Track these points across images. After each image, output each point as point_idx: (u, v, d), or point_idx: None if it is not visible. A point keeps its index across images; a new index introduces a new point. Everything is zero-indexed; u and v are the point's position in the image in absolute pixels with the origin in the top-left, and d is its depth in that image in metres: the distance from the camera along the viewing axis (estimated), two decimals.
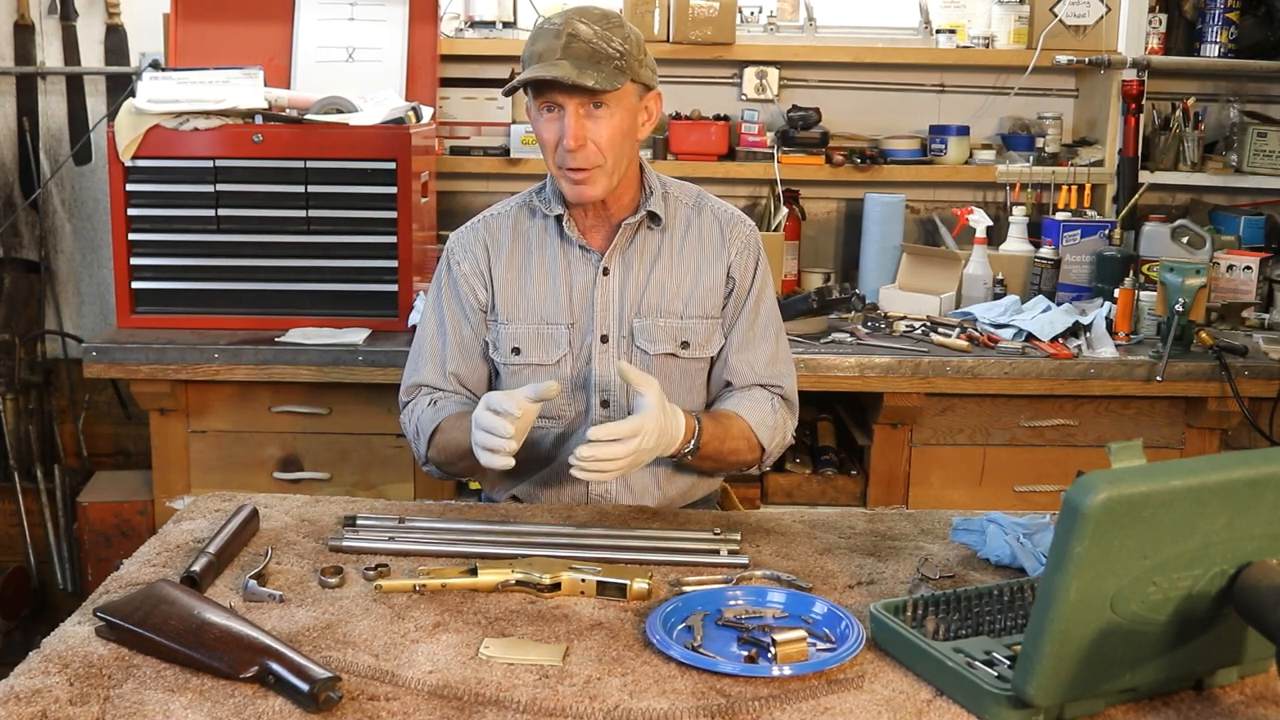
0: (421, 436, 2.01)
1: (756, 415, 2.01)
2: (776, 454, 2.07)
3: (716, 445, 1.94)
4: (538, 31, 1.89)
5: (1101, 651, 1.23)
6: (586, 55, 1.84)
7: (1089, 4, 3.39)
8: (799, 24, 3.49)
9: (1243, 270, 3.19)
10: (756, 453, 2.02)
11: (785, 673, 1.36)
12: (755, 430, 1.99)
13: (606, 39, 1.86)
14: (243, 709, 1.29)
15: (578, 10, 1.89)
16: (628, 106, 1.91)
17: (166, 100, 2.81)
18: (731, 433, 1.97)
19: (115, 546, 3.07)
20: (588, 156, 1.89)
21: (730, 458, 1.99)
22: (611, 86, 1.85)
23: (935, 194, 3.55)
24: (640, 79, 1.91)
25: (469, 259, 2.06)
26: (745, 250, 2.06)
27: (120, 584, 1.60)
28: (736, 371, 2.06)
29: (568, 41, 1.84)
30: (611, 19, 1.89)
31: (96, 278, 3.61)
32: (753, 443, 2.00)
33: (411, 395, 2.08)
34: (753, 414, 2.00)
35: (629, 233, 2.02)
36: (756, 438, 2.00)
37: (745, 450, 2.00)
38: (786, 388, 2.08)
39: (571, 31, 1.84)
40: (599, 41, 1.85)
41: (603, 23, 1.87)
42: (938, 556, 1.74)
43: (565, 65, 1.83)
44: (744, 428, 1.99)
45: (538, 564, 1.61)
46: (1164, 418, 2.89)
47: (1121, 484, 1.16)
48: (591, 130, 1.88)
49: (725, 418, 1.99)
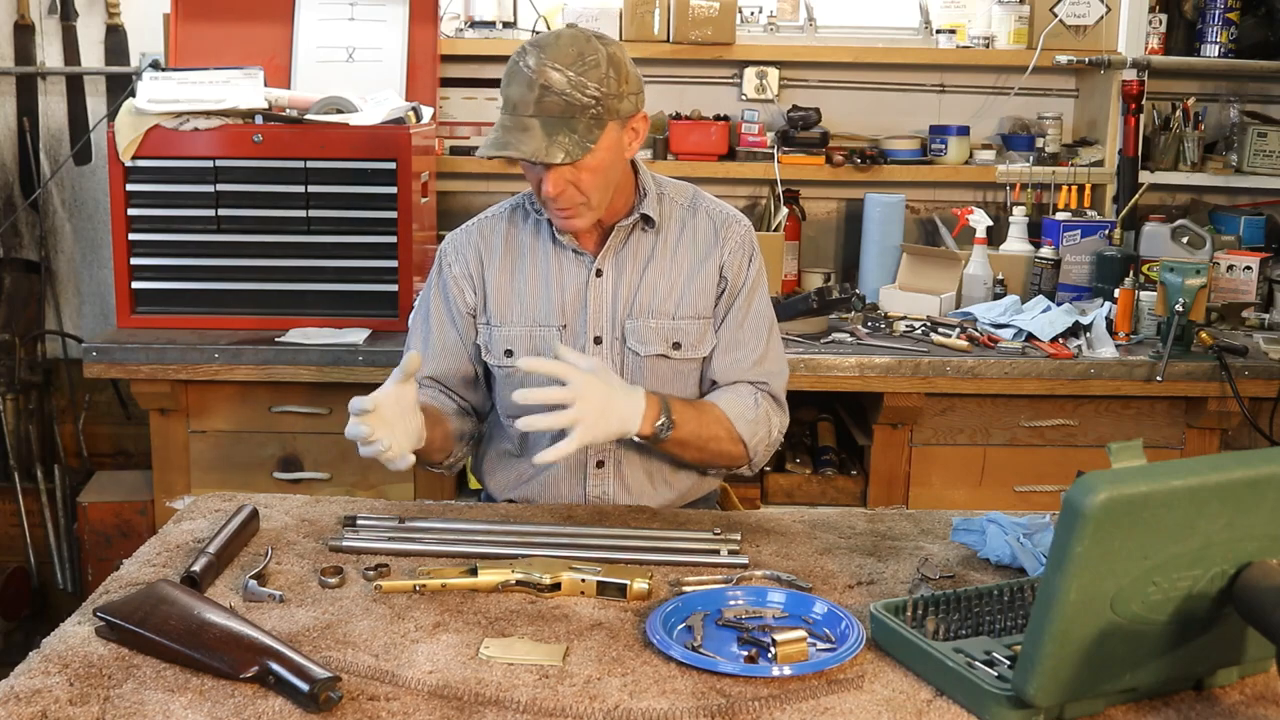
0: None
1: (736, 407, 1.98)
2: (762, 451, 2.03)
3: (693, 428, 1.91)
4: (513, 71, 1.84)
5: (1101, 651, 1.23)
6: (559, 111, 1.80)
7: (1089, 4, 3.39)
8: (799, 24, 3.49)
9: (1243, 270, 3.19)
10: (739, 445, 1.98)
11: (785, 673, 1.36)
12: (734, 421, 1.96)
13: (580, 86, 1.81)
14: (243, 709, 1.29)
15: (553, 49, 1.82)
16: (609, 146, 1.87)
17: (166, 100, 2.81)
18: (708, 418, 1.94)
19: (115, 546, 3.07)
20: (570, 199, 1.89)
21: (712, 445, 1.95)
22: (583, 152, 1.81)
23: (935, 194, 3.55)
24: (620, 115, 1.87)
25: (460, 262, 2.07)
26: (739, 249, 2.05)
27: (120, 584, 1.60)
28: (721, 370, 2.04)
29: (540, 95, 1.80)
30: (587, 57, 1.81)
31: (96, 278, 3.61)
32: (732, 434, 1.96)
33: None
34: (732, 406, 1.98)
35: (622, 235, 2.02)
36: (735, 429, 1.96)
37: (726, 440, 1.96)
38: (773, 385, 2.05)
39: (545, 83, 1.80)
40: (572, 91, 1.80)
41: (577, 65, 1.81)
42: (938, 556, 1.74)
43: (535, 131, 1.80)
44: (721, 416, 1.96)
45: (538, 564, 1.61)
46: (1164, 418, 2.89)
47: (1121, 484, 1.16)
48: (571, 176, 1.86)
49: (700, 403, 1.97)
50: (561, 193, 1.87)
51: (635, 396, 1.84)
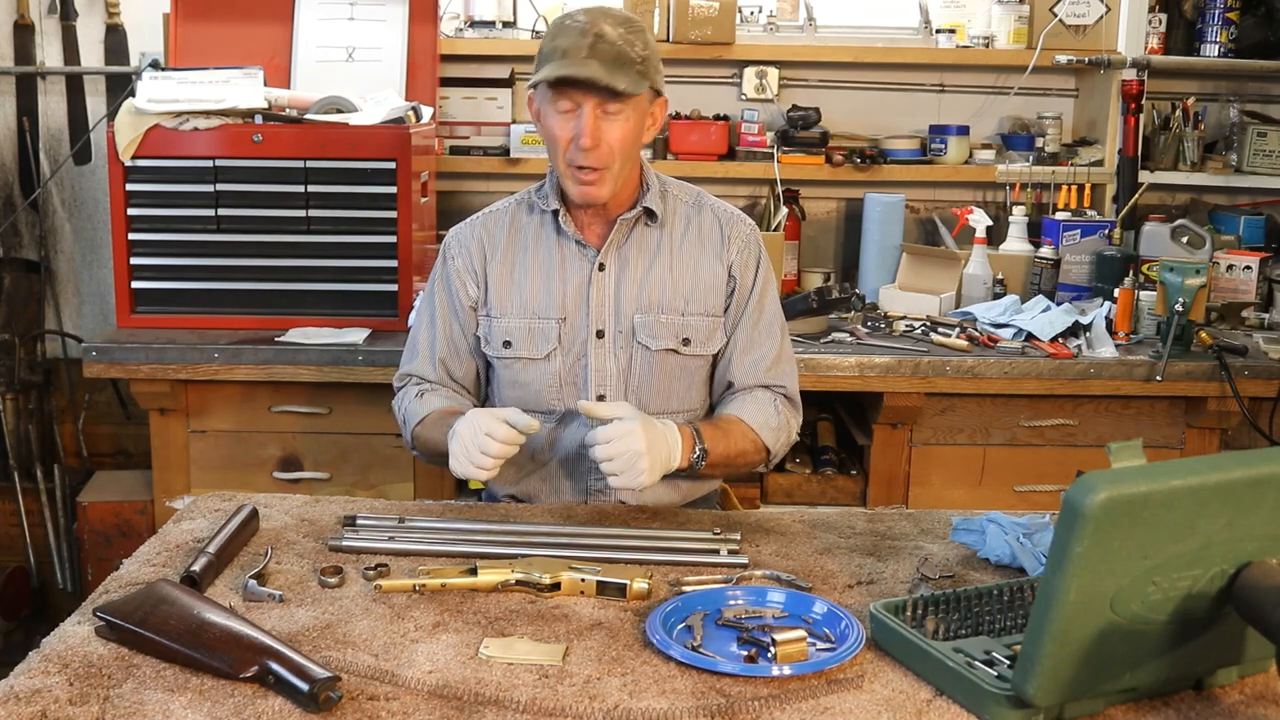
0: (406, 426, 2.07)
1: (759, 417, 2.01)
2: (782, 452, 2.08)
3: (723, 449, 1.95)
4: (561, 28, 1.90)
5: (1101, 651, 1.23)
6: (612, 57, 1.86)
7: (1089, 4, 3.39)
8: (799, 24, 3.49)
9: (1243, 270, 3.19)
10: (763, 454, 2.03)
11: (785, 673, 1.36)
12: (759, 432, 2.00)
13: (630, 43, 1.87)
14: (243, 709, 1.29)
15: (601, 11, 1.90)
16: (641, 111, 1.93)
17: (166, 100, 2.81)
18: (733, 435, 1.98)
19: (115, 546, 3.07)
20: (600, 156, 1.91)
21: (739, 460, 2.00)
22: (637, 90, 1.88)
23: (935, 194, 3.55)
24: (655, 85, 1.94)
25: (463, 254, 2.09)
26: (746, 249, 2.07)
27: (120, 584, 1.60)
28: (739, 373, 2.06)
29: (594, 41, 1.86)
30: (634, 24, 1.91)
31: (96, 278, 3.60)
32: (758, 444, 2.01)
33: (403, 383, 2.13)
34: (755, 416, 2.01)
35: (625, 228, 2.03)
36: (761, 439, 2.00)
37: (752, 452, 2.01)
38: (789, 387, 2.09)
39: (598, 32, 1.86)
40: (623, 45, 1.87)
41: (626, 26, 1.89)
42: (938, 556, 1.74)
43: (594, 65, 1.85)
44: (745, 430, 1.99)
45: (538, 564, 1.61)
46: (1164, 418, 2.89)
47: (1121, 484, 1.16)
48: (606, 131, 1.89)
49: (724, 422, 1.99)
50: (597, 145, 1.89)
51: (672, 433, 1.87)
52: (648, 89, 1.91)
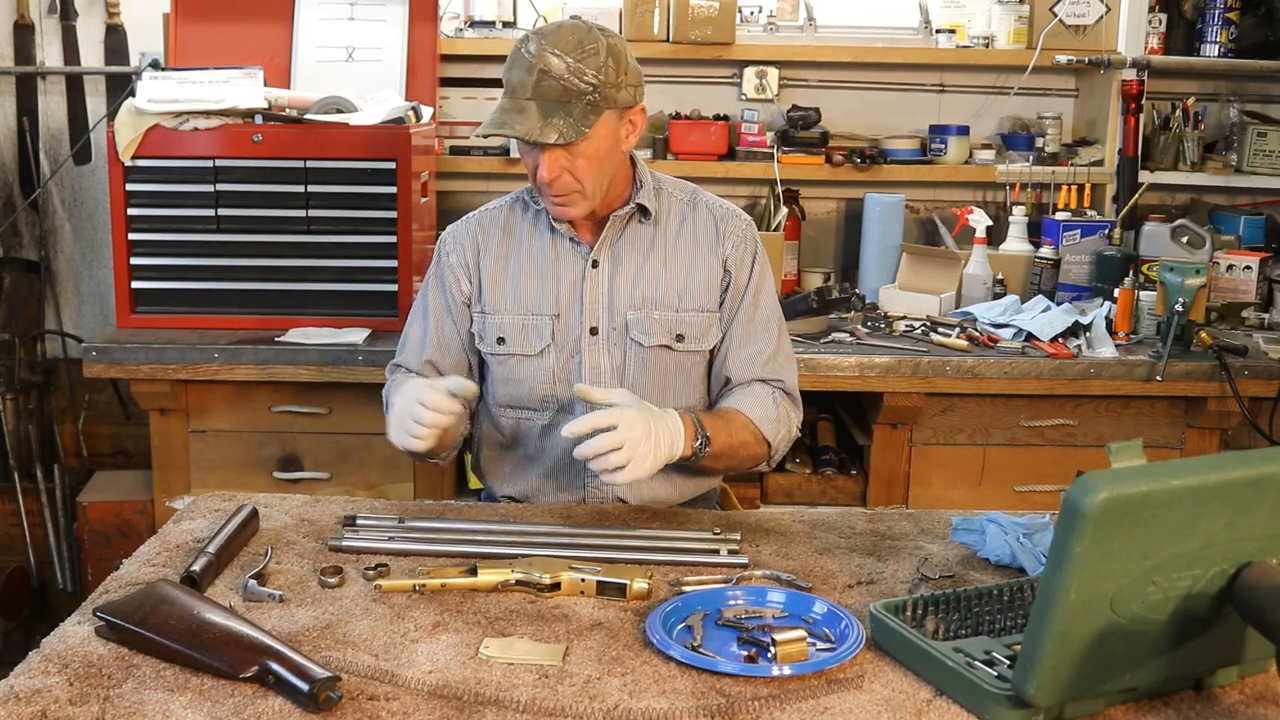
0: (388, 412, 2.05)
1: (758, 410, 2.00)
2: (783, 448, 2.06)
3: (725, 439, 1.93)
4: (515, 57, 1.87)
5: (1101, 651, 1.23)
6: (556, 95, 1.83)
7: (1089, 4, 3.39)
8: (799, 24, 3.49)
9: (1243, 270, 3.19)
10: (764, 447, 2.01)
11: (785, 673, 1.36)
12: (758, 424, 1.99)
13: (579, 73, 1.83)
14: (243, 709, 1.29)
15: (554, 36, 1.84)
16: (605, 134, 1.89)
17: (166, 100, 2.81)
18: (735, 426, 1.96)
19: (115, 546, 3.07)
20: (565, 185, 1.91)
21: (741, 452, 1.98)
22: (577, 135, 1.83)
23: (935, 194, 3.55)
24: (618, 104, 1.89)
25: (457, 250, 2.10)
26: (741, 244, 2.06)
27: (120, 584, 1.60)
28: (736, 368, 2.06)
29: (539, 79, 1.82)
30: (587, 45, 1.84)
31: (96, 278, 3.61)
32: (758, 436, 1.99)
33: (392, 373, 2.14)
34: (754, 409, 2.00)
35: (618, 225, 2.03)
36: (761, 431, 1.99)
37: (753, 444, 1.99)
38: (787, 382, 2.08)
39: (544, 67, 1.82)
40: (570, 76, 1.82)
41: (576, 52, 1.83)
42: (938, 556, 1.74)
43: (532, 113, 1.82)
44: (746, 421, 1.98)
45: (538, 564, 1.61)
46: (1164, 418, 2.89)
47: (1121, 484, 1.16)
48: (566, 162, 1.88)
49: (725, 413, 1.99)
50: (556, 178, 1.89)
51: (673, 419, 1.85)
52: (602, 115, 1.86)
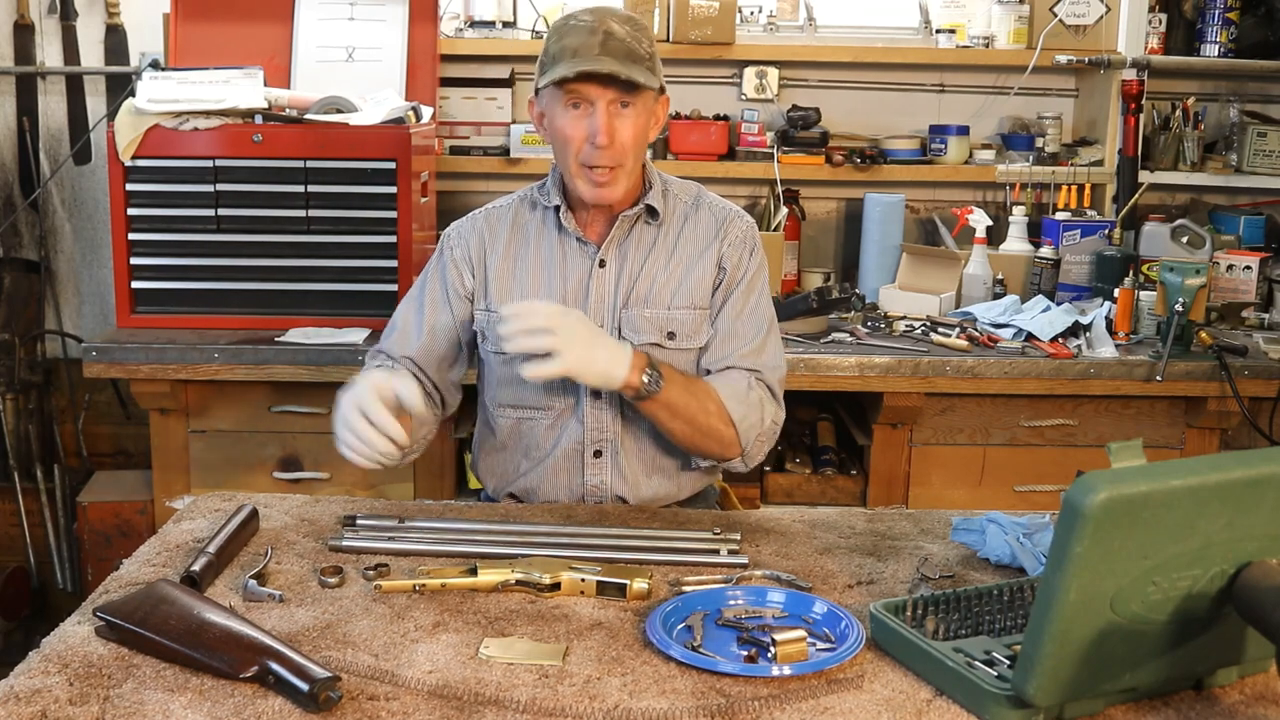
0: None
1: (726, 388, 1.95)
2: (754, 440, 1.98)
3: (681, 393, 1.89)
4: (567, 28, 1.90)
5: (1101, 651, 1.23)
6: (624, 53, 1.87)
7: (1089, 4, 3.39)
8: (799, 24, 3.49)
9: (1243, 270, 3.19)
10: (729, 427, 1.94)
11: (785, 673, 1.36)
12: (725, 400, 1.93)
13: (637, 39, 1.89)
14: (243, 709, 1.29)
15: (606, 10, 1.91)
16: (648, 108, 1.94)
17: (166, 100, 2.81)
18: (696, 388, 1.93)
19: (115, 546, 3.07)
20: (615, 154, 1.91)
21: (700, 419, 1.92)
22: (651, 84, 1.89)
23: (935, 194, 3.55)
24: (660, 82, 1.95)
25: (462, 246, 2.09)
26: (739, 244, 2.05)
27: (120, 584, 1.60)
28: (714, 359, 2.02)
29: (604, 39, 1.87)
30: (638, 21, 1.93)
31: (96, 278, 3.61)
32: (722, 412, 1.93)
33: (373, 358, 2.11)
34: (722, 386, 1.96)
35: (626, 225, 2.03)
36: (726, 409, 1.93)
37: (715, 415, 1.92)
38: (769, 377, 2.02)
39: (607, 30, 1.87)
40: (632, 42, 1.88)
41: (631, 24, 1.91)
42: (938, 556, 1.74)
43: (609, 61, 1.86)
44: (709, 390, 1.94)
45: (538, 564, 1.61)
46: (1164, 418, 2.89)
47: (1121, 484, 1.16)
48: (619, 128, 1.90)
49: (690, 376, 1.97)
50: (612, 142, 1.90)
51: (622, 345, 1.87)
52: (657, 85, 1.93)
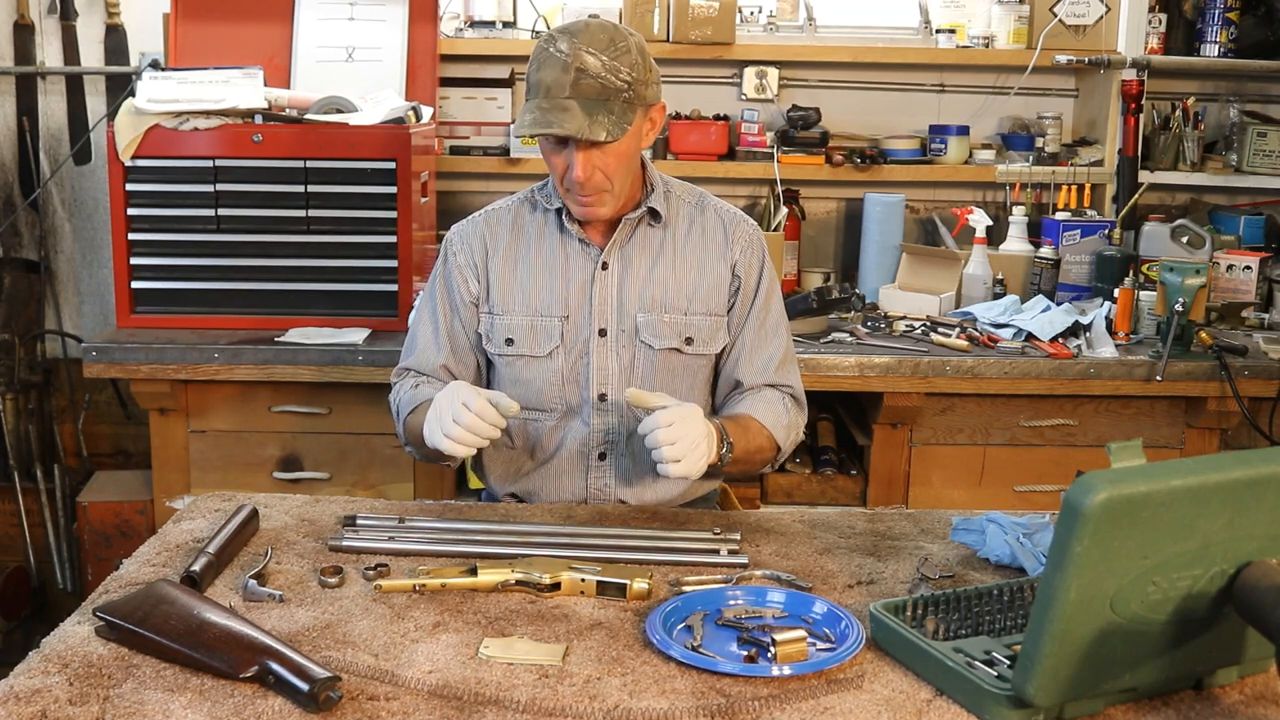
0: (399, 417, 2.05)
1: (771, 415, 2.01)
2: (789, 451, 2.08)
3: (744, 446, 1.94)
4: (544, 57, 1.85)
5: (1101, 651, 1.23)
6: (595, 94, 1.82)
7: (1089, 4, 3.39)
8: (799, 24, 3.49)
9: (1242, 270, 3.19)
10: (775, 452, 2.03)
11: (785, 672, 1.36)
12: (772, 430, 2.00)
13: (614, 70, 1.83)
14: (243, 709, 1.29)
15: (584, 35, 1.84)
16: (634, 132, 1.89)
17: (166, 100, 2.81)
18: (751, 433, 1.97)
19: (115, 546, 3.07)
20: (595, 184, 1.91)
21: (756, 457, 1.99)
22: (622, 132, 1.84)
23: (935, 194, 3.55)
24: (646, 101, 1.90)
25: (464, 250, 2.09)
26: (750, 249, 2.07)
27: (120, 584, 1.60)
28: (748, 374, 2.07)
29: (576, 77, 1.81)
30: (618, 43, 1.84)
31: (96, 278, 3.60)
32: (772, 442, 2.00)
33: (400, 376, 2.12)
34: (767, 415, 2.01)
35: (629, 228, 2.03)
36: (774, 437, 2.00)
37: (767, 449, 2.01)
38: (795, 386, 2.10)
39: (580, 66, 1.81)
40: (608, 75, 1.82)
41: (609, 50, 1.83)
42: (938, 556, 1.74)
43: (575, 111, 1.81)
44: (760, 428, 1.99)
45: (538, 564, 1.61)
46: (1164, 418, 2.89)
47: (1121, 484, 1.16)
48: (598, 160, 1.88)
49: (743, 420, 1.99)
50: (590, 177, 1.88)
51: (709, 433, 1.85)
52: (637, 112, 1.87)
